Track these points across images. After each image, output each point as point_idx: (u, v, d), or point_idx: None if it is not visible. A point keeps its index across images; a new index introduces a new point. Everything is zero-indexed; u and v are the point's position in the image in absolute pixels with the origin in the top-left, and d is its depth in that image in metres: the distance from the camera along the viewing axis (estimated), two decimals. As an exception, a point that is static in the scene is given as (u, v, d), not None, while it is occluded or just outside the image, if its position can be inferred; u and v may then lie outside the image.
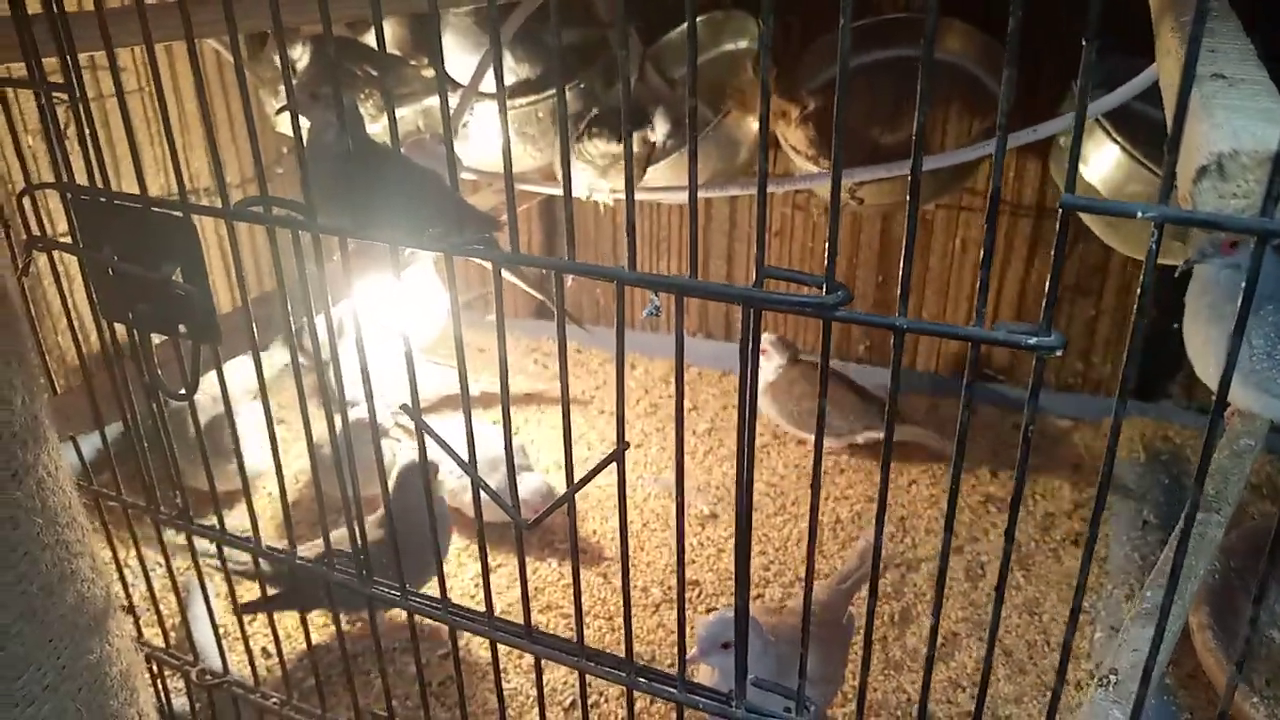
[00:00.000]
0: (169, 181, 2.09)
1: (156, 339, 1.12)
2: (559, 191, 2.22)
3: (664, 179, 2.02)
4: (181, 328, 1.04)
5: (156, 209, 0.99)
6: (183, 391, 1.07)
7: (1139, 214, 0.63)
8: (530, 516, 1.77)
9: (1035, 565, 1.98)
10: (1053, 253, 0.66)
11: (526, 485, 1.97)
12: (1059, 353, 0.68)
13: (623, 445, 0.88)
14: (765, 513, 2.16)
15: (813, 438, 2.55)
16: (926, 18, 0.62)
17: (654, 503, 2.19)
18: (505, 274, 1.54)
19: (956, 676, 1.74)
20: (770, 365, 2.29)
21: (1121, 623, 1.78)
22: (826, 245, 0.74)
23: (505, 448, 0.93)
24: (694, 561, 2.00)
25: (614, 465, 0.87)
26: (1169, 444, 2.26)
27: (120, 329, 1.11)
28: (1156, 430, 2.32)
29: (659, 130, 2.16)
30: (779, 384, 2.28)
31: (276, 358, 2.21)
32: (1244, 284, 0.64)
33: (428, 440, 0.96)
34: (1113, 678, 0.87)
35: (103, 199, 1.03)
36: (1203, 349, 1.28)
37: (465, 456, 0.92)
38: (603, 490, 2.23)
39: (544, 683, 1.69)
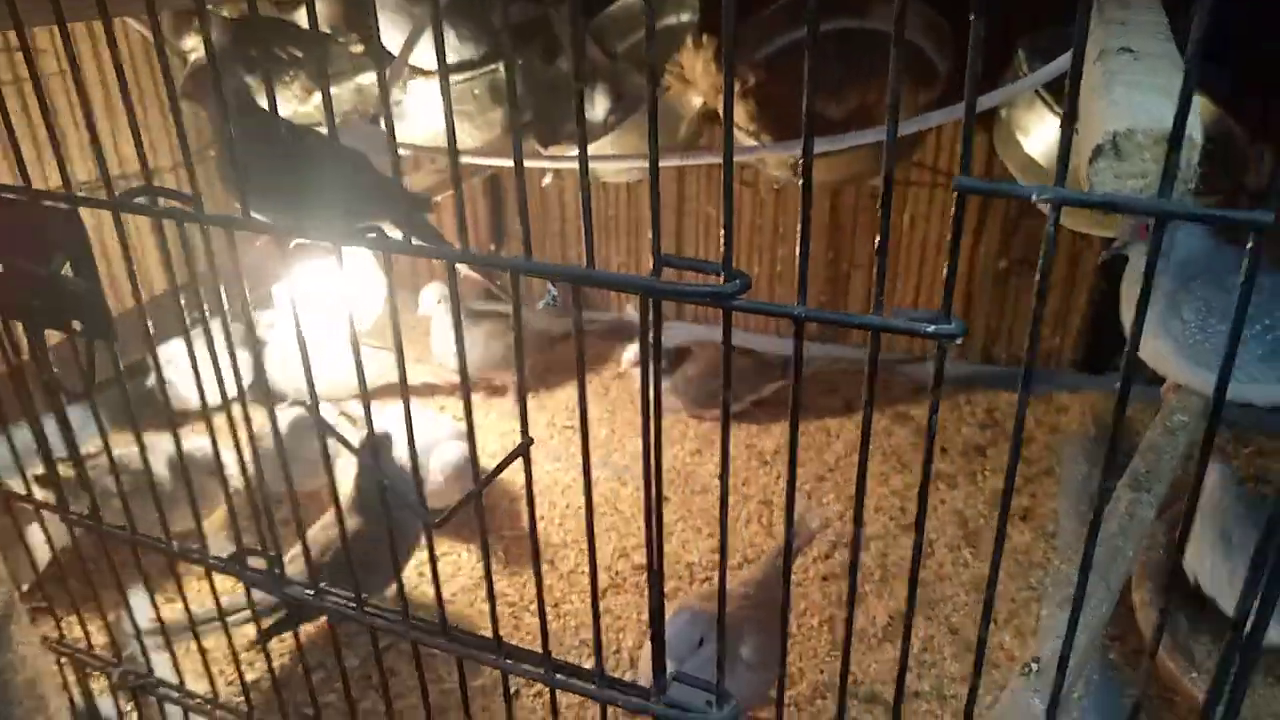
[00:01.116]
0: (91, 169, 2.03)
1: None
2: (505, 163, 2.17)
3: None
4: (75, 324, 1.00)
5: (43, 201, 0.95)
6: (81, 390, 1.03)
7: (1033, 197, 0.60)
8: (447, 482, 1.76)
9: (984, 542, 1.97)
10: (950, 237, 0.64)
11: (442, 458, 1.92)
12: (959, 341, 0.66)
13: (527, 440, 0.85)
14: (716, 494, 2.14)
15: (717, 413, 2.55)
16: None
17: (601, 486, 2.17)
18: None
19: (902, 656, 1.73)
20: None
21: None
22: (722, 232, 0.70)
23: (408, 441, 0.89)
24: (641, 546, 1.97)
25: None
26: (1118, 417, 2.26)
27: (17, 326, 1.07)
28: (1105, 403, 2.32)
29: (600, 106, 2.12)
30: (674, 383, 2.34)
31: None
32: (1152, 263, 0.61)
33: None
34: (1034, 665, 0.85)
35: (-14, 190, 0.98)
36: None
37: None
38: (549, 475, 2.20)
39: (477, 679, 1.67)
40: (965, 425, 2.34)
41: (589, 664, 1.10)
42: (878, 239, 0.66)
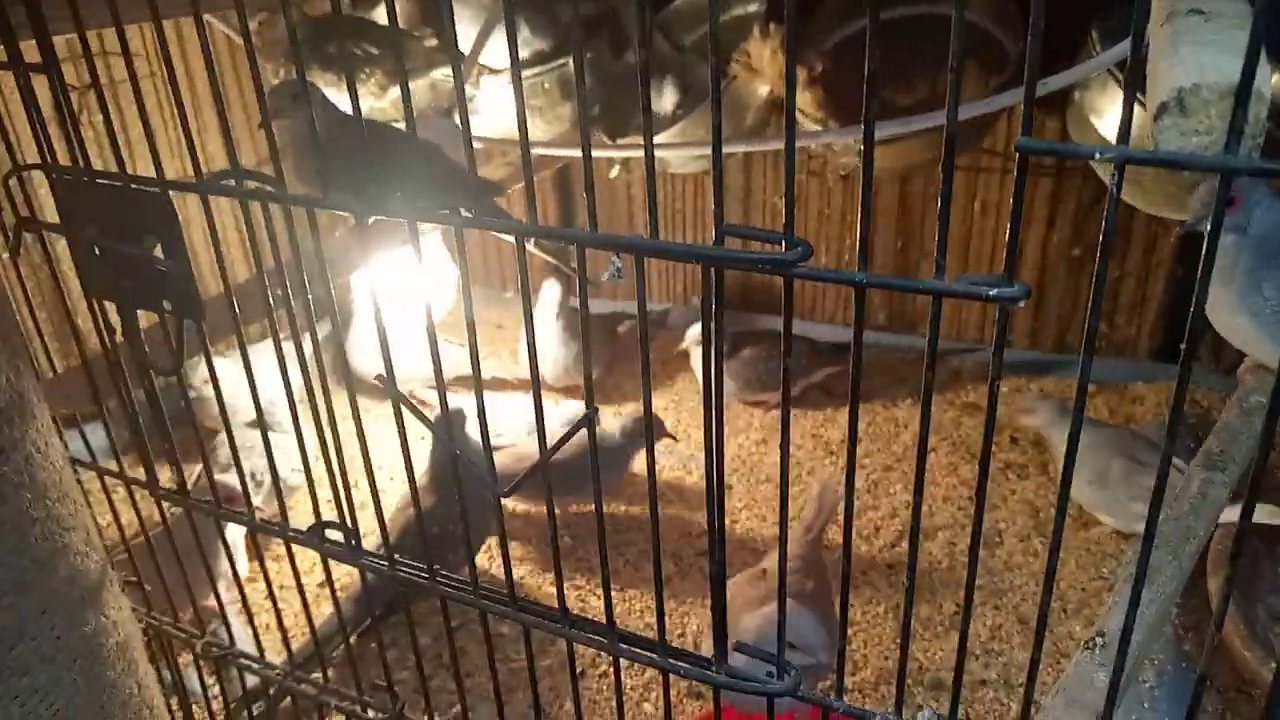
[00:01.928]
0: (178, 167, 2.11)
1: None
2: (574, 154, 2.21)
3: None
4: (166, 304, 1.05)
5: (135, 186, 1.00)
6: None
7: (1096, 155, 0.60)
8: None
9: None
10: (1012, 200, 0.64)
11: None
12: (1021, 304, 0.66)
13: (592, 409, 0.86)
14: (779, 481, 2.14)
15: (773, 395, 2.59)
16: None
17: (668, 474, 2.19)
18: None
19: (970, 644, 1.71)
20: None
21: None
22: (784, 200, 0.72)
23: (479, 415, 0.92)
24: (705, 533, 1.98)
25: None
26: (1195, 406, 2.20)
27: (112, 308, 1.12)
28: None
29: (668, 98, 2.14)
30: (728, 367, 2.32)
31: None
32: (1218, 222, 0.61)
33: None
34: (1099, 640, 0.84)
35: (85, 178, 1.04)
36: (1213, 307, 1.26)
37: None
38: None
39: (544, 660, 1.70)
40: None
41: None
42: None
